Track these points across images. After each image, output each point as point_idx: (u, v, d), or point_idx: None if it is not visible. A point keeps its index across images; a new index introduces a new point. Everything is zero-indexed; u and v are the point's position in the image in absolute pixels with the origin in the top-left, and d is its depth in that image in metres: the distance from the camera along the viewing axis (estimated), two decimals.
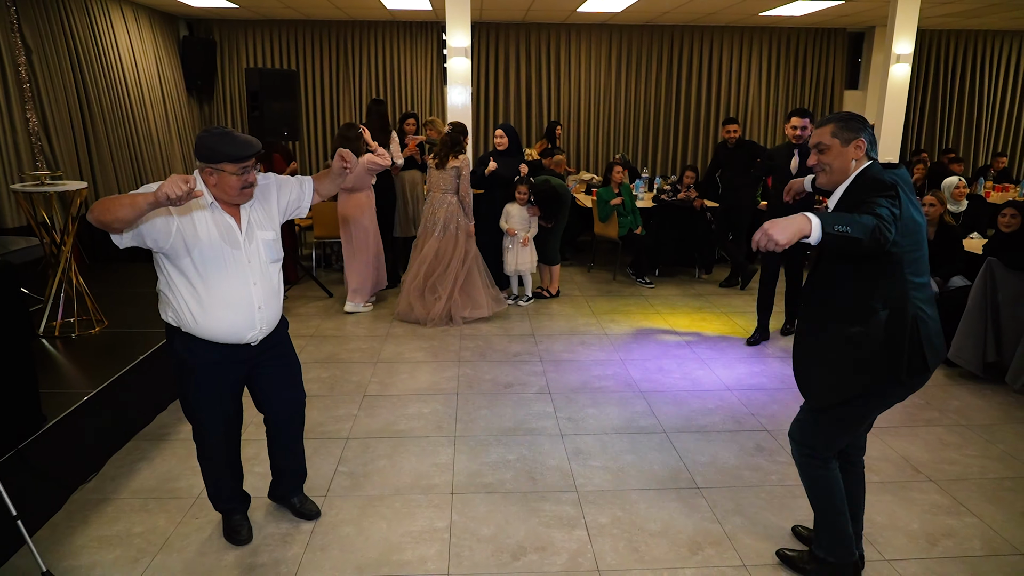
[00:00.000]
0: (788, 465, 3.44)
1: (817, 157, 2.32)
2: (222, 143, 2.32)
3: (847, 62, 10.05)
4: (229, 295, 2.43)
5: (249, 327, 2.51)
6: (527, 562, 2.70)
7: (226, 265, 2.42)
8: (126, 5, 7.48)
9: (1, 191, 5.38)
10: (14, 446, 2.75)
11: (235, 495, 2.83)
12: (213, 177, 2.37)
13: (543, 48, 9.58)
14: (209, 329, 2.44)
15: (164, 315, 2.50)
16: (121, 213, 2.10)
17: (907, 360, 2.20)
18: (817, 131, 2.33)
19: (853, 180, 2.25)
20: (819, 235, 1.92)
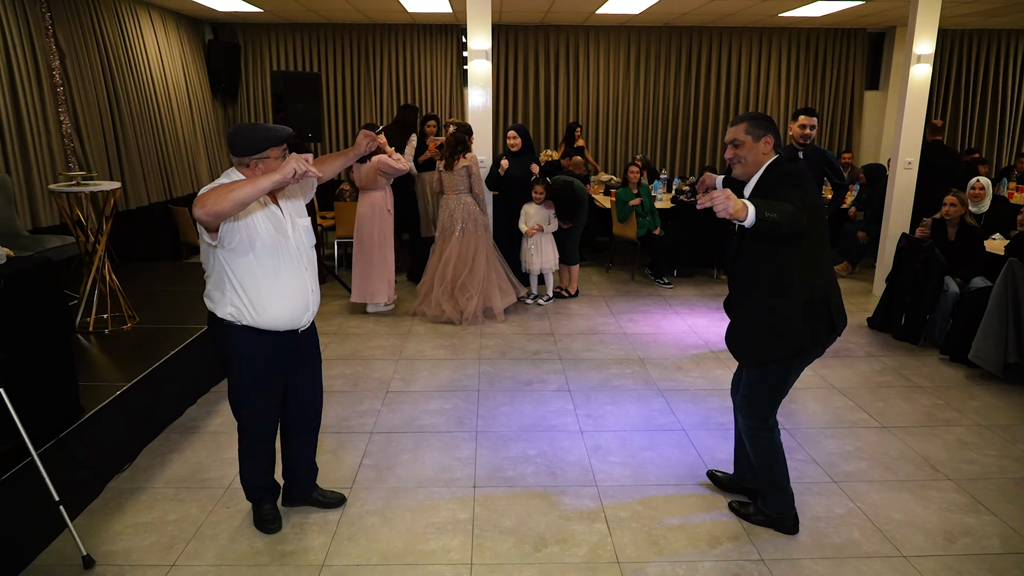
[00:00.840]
0: (806, 463, 3.48)
1: (733, 151, 2.66)
2: (260, 132, 2.45)
3: (867, 62, 10.00)
4: (288, 282, 2.56)
5: (304, 310, 2.64)
6: (548, 553, 2.76)
7: (281, 253, 2.53)
8: (154, 10, 7.64)
9: (35, 190, 5.54)
10: (55, 435, 2.86)
11: (270, 485, 2.92)
12: (259, 168, 2.46)
13: (562, 50, 9.64)
14: (272, 318, 2.55)
15: (221, 312, 2.55)
16: (243, 195, 2.17)
17: (822, 325, 2.63)
18: (732, 129, 2.66)
19: (764, 171, 2.63)
20: (753, 220, 2.25)
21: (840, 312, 2.68)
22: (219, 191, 2.19)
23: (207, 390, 4.29)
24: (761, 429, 2.82)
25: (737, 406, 2.92)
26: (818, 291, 2.61)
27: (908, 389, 4.41)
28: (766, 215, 2.26)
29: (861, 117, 10.14)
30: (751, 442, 2.87)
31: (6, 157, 5.26)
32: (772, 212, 2.27)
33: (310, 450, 3.01)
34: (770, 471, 2.87)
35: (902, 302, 5.31)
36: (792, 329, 2.62)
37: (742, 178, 2.71)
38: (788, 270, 2.59)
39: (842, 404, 4.18)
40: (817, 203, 2.55)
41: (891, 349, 5.14)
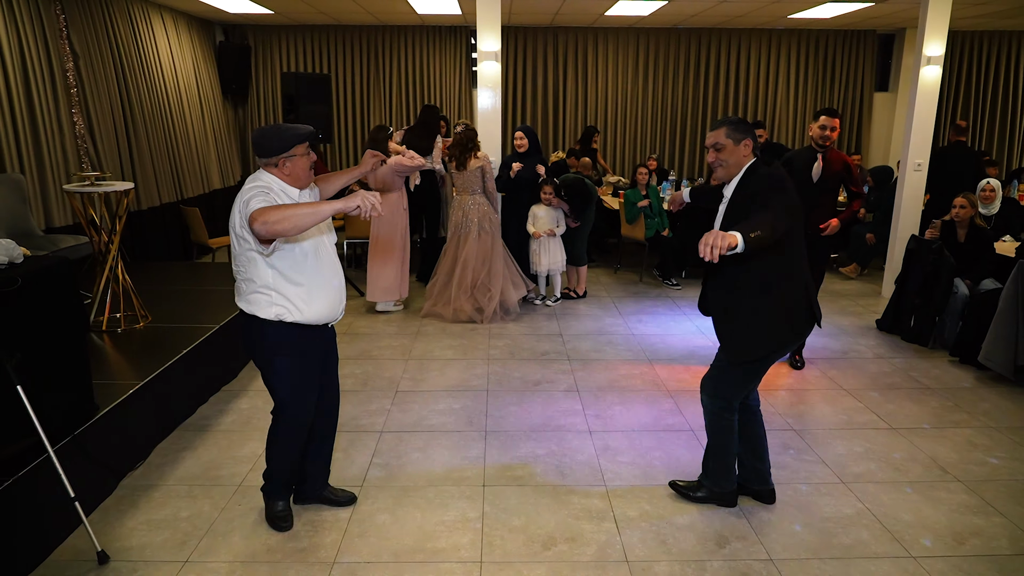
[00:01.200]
0: (815, 464, 3.48)
1: (715, 155, 2.73)
2: (285, 131, 2.52)
3: (877, 64, 9.98)
4: (328, 276, 2.66)
5: (340, 302, 2.76)
6: (558, 552, 2.78)
7: (319, 250, 2.63)
8: (166, 12, 7.71)
9: (49, 190, 5.59)
10: (70, 432, 2.90)
11: (292, 483, 2.97)
12: (287, 166, 2.55)
13: (570, 51, 9.65)
14: (317, 312, 2.64)
15: (265, 313, 2.58)
16: (305, 222, 2.27)
17: (802, 318, 2.77)
18: (712, 133, 2.73)
19: (744, 174, 2.72)
20: (743, 245, 2.33)
21: (816, 303, 2.84)
22: (280, 213, 2.26)
23: (219, 389, 4.33)
24: (725, 410, 2.94)
25: (703, 385, 3.00)
26: (798, 287, 2.75)
27: (917, 391, 4.41)
28: (751, 236, 2.35)
29: (870, 119, 10.12)
30: (712, 420, 2.99)
31: (21, 157, 5.32)
32: (755, 230, 2.37)
33: (328, 449, 3.05)
34: (723, 450, 3.01)
35: (911, 304, 5.30)
36: (776, 326, 2.74)
37: (724, 180, 2.80)
38: (770, 272, 2.69)
39: (851, 405, 4.18)
40: (797, 203, 2.65)
41: (900, 351, 5.13)
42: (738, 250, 2.34)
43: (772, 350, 2.78)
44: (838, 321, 5.80)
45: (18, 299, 2.67)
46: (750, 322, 2.75)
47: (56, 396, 2.92)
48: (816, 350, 5.07)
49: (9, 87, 5.21)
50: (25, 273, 2.76)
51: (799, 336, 2.85)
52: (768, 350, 2.77)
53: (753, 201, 2.54)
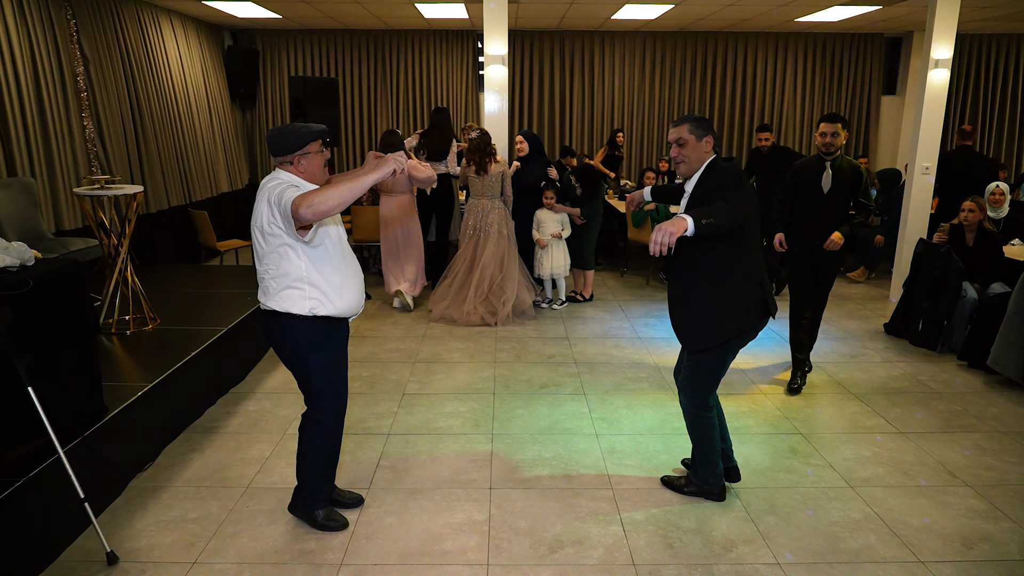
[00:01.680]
0: (823, 468, 3.47)
1: (678, 150, 2.86)
2: (299, 130, 2.59)
3: (884, 67, 9.96)
4: (353, 270, 2.75)
5: (362, 295, 2.82)
6: (564, 555, 2.78)
7: (343, 244, 2.73)
8: (175, 17, 7.76)
9: (59, 193, 5.63)
10: (80, 433, 2.92)
11: (325, 492, 2.97)
12: (302, 164, 2.62)
13: (577, 55, 9.67)
14: (346, 304, 2.71)
15: (299, 308, 2.61)
16: (349, 196, 2.38)
17: (757, 311, 2.88)
18: (676, 129, 2.86)
19: (704, 170, 2.86)
20: (694, 229, 2.47)
21: (771, 298, 2.95)
22: (321, 194, 2.34)
23: (227, 391, 4.35)
24: (702, 408, 3.05)
25: (680, 387, 3.14)
26: (753, 281, 2.87)
27: (926, 395, 4.39)
28: (703, 222, 2.48)
29: (878, 122, 10.10)
30: (692, 420, 3.10)
31: (32, 161, 5.36)
32: (708, 217, 2.50)
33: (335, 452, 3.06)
34: (706, 446, 3.11)
35: (919, 308, 5.28)
36: (730, 317, 2.85)
37: (685, 176, 2.93)
38: (727, 263, 2.82)
39: (859, 410, 4.17)
40: (754, 200, 2.80)
41: (908, 355, 5.12)
42: (687, 234, 2.47)
43: (724, 339, 2.88)
44: (845, 325, 5.78)
45: (29, 301, 2.69)
46: (702, 312, 2.88)
47: (66, 397, 2.94)
48: (823, 354, 5.06)
49: (21, 91, 5.25)
50: (36, 275, 2.78)
51: (752, 328, 2.93)
52: (720, 339, 2.88)
53: (712, 194, 2.69)
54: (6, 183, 4.85)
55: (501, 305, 5.74)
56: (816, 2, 7.20)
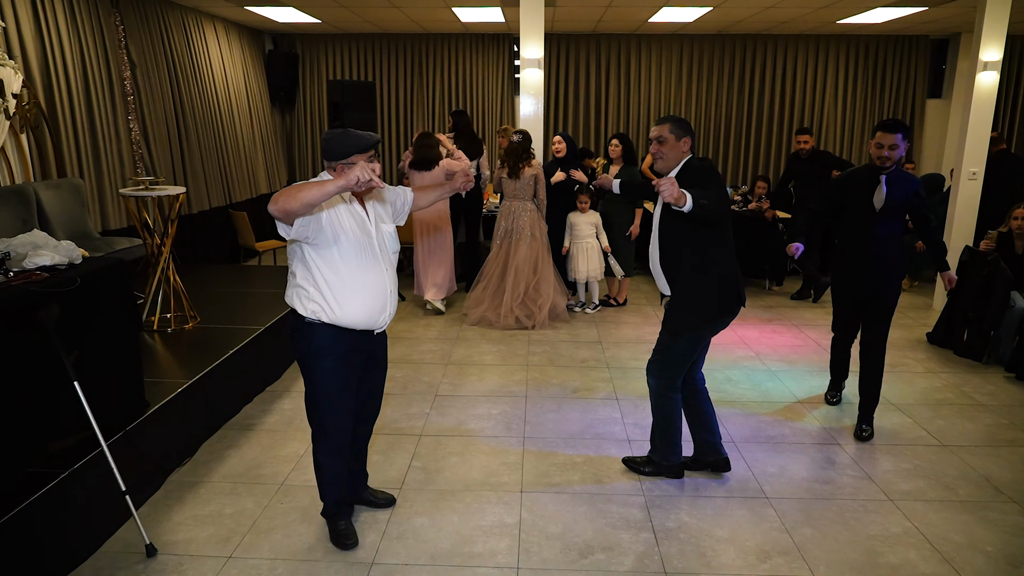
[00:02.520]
0: (861, 480, 3.40)
1: (658, 147, 3.03)
2: (348, 138, 2.53)
3: (929, 70, 9.71)
4: (368, 281, 2.61)
5: (381, 310, 2.68)
6: (595, 560, 2.76)
7: (363, 253, 2.60)
8: (219, 22, 7.93)
9: (106, 194, 5.80)
10: (122, 428, 2.99)
11: (347, 496, 2.92)
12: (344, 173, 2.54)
13: (613, 58, 9.63)
14: (350, 315, 2.60)
15: (302, 309, 2.60)
16: (310, 197, 2.26)
17: (732, 297, 3.09)
18: (657, 128, 3.03)
19: (681, 168, 3.04)
20: (691, 205, 2.63)
21: (743, 290, 3.16)
22: (291, 190, 2.29)
23: (263, 389, 4.42)
24: (669, 390, 3.23)
25: (649, 369, 3.29)
26: (728, 268, 3.08)
27: (970, 407, 4.27)
28: (700, 201, 2.65)
29: (923, 126, 9.85)
30: (657, 401, 3.28)
31: (80, 162, 5.53)
32: (704, 199, 2.67)
33: (364, 455, 3.06)
34: (669, 427, 3.30)
35: (965, 317, 5.13)
36: (709, 302, 3.06)
37: (662, 172, 3.09)
38: (706, 252, 3.01)
39: (899, 421, 4.07)
40: (728, 195, 3.05)
41: (952, 365, 4.98)
42: (684, 209, 2.64)
43: (703, 324, 3.11)
44: None
45: (76, 298, 2.77)
46: (687, 296, 3.08)
47: (109, 392, 3.02)
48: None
49: (72, 95, 5.42)
50: (83, 273, 2.86)
51: (728, 313, 3.13)
52: (701, 323, 3.10)
53: (692, 188, 2.78)
54: (56, 184, 5.01)
55: (537, 308, 5.75)
56: (859, 4, 7.06)
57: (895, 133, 3.58)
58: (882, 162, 3.64)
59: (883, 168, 3.66)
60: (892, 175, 3.67)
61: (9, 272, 2.72)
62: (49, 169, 5.16)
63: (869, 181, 3.73)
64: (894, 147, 3.59)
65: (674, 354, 3.16)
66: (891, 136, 3.58)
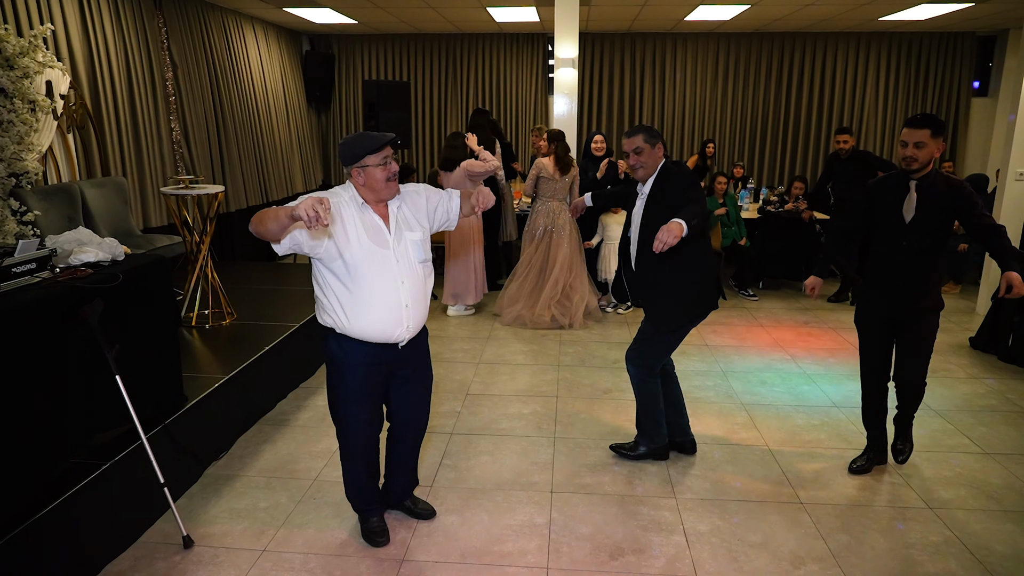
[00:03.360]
0: (899, 487, 3.32)
1: (636, 158, 3.17)
2: (360, 141, 2.49)
3: (975, 68, 9.44)
4: (379, 294, 2.51)
5: (397, 324, 2.57)
6: (625, 563, 2.75)
7: (375, 265, 2.50)
8: (257, 23, 8.07)
9: (148, 193, 5.94)
10: (161, 421, 3.06)
11: (372, 496, 2.90)
12: (361, 177, 2.51)
13: (648, 57, 9.55)
14: (360, 328, 2.54)
15: (320, 318, 2.62)
16: (269, 226, 2.25)
17: (714, 289, 3.30)
18: (631, 140, 3.16)
19: (659, 173, 3.19)
20: (687, 230, 2.73)
21: (721, 288, 3.45)
22: (259, 218, 2.29)
23: (297, 385, 4.49)
24: (651, 375, 3.40)
25: (629, 359, 3.44)
26: (710, 263, 3.27)
27: (1015, 414, 4.14)
28: (692, 222, 2.76)
29: (967, 125, 9.59)
30: (640, 387, 3.44)
31: (124, 161, 5.67)
32: (693, 219, 2.79)
33: (406, 464, 2.99)
34: (652, 407, 3.46)
35: (1010, 322, 4.98)
36: (696, 302, 3.26)
37: (643, 179, 3.23)
38: (691, 253, 3.15)
39: (940, 427, 3.97)
40: (705, 199, 3.23)
41: (996, 371, 4.84)
42: (684, 235, 2.73)
43: (689, 320, 3.31)
44: None
45: (118, 294, 2.84)
46: (673, 295, 3.24)
47: (149, 386, 3.09)
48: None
49: (116, 97, 5.57)
50: (125, 270, 2.94)
51: (709, 308, 3.32)
52: (686, 320, 3.30)
53: (673, 194, 3.03)
54: (100, 182, 5.14)
55: (574, 307, 5.75)
56: (903, 0, 6.90)
57: (923, 128, 3.03)
58: (908, 163, 3.08)
59: (911, 171, 3.09)
60: (926, 179, 3.09)
61: (55, 268, 2.80)
62: (94, 168, 5.31)
63: (897, 188, 3.17)
64: (921, 145, 3.03)
65: (657, 346, 3.35)
66: (918, 132, 3.03)
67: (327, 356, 2.66)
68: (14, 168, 4.21)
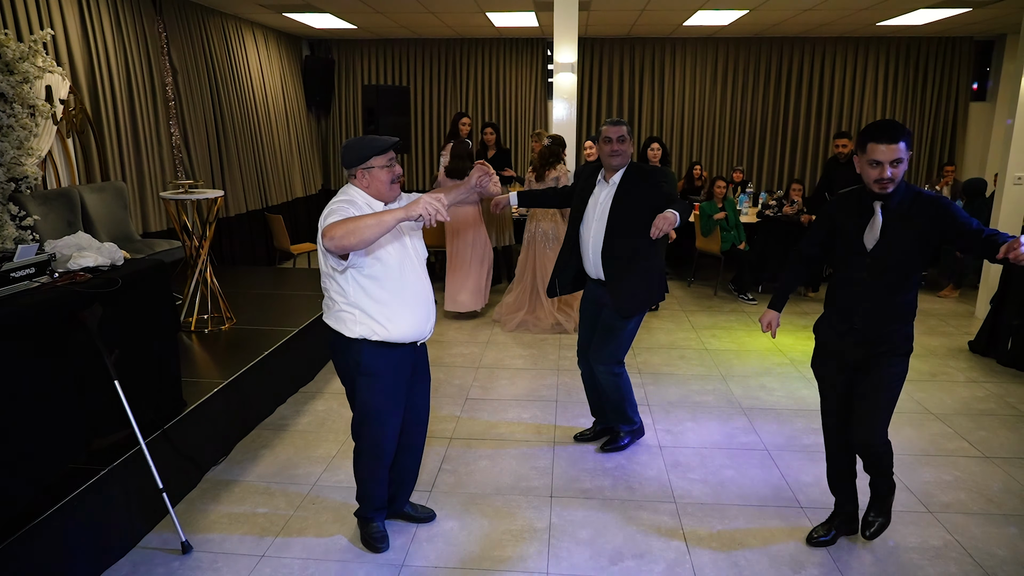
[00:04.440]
0: (900, 491, 3.30)
1: (619, 146, 3.34)
2: (365, 143, 2.51)
3: (973, 72, 9.47)
4: (413, 291, 2.59)
5: (427, 319, 2.67)
6: (625, 567, 2.74)
7: (403, 264, 2.55)
8: (257, 28, 8.09)
9: (147, 197, 5.94)
10: (160, 426, 3.06)
11: (384, 503, 2.90)
12: (365, 179, 2.52)
13: (647, 62, 9.58)
14: (403, 330, 2.56)
15: (350, 332, 2.55)
16: (368, 234, 2.20)
17: (665, 285, 3.62)
18: (617, 128, 3.34)
19: (629, 168, 3.41)
20: (679, 220, 3.03)
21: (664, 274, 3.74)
22: (346, 225, 2.20)
23: (296, 390, 4.48)
24: (619, 368, 3.57)
25: (596, 358, 3.56)
26: (662, 258, 3.72)
27: (1014, 418, 4.14)
28: (683, 216, 3.08)
29: (965, 130, 9.61)
30: (609, 382, 3.57)
31: (123, 166, 5.68)
32: (685, 213, 3.10)
33: (413, 468, 2.99)
34: (625, 401, 3.64)
35: (1009, 325, 4.98)
36: (655, 288, 3.53)
37: (620, 167, 3.39)
38: (655, 247, 3.42)
39: (939, 431, 3.96)
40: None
41: (995, 375, 4.84)
42: (676, 224, 3.03)
43: (652, 304, 3.74)
44: (927, 342, 5.51)
45: (118, 299, 2.83)
46: (645, 281, 3.44)
47: (148, 391, 3.09)
48: None
49: (116, 101, 5.57)
50: (125, 275, 2.93)
51: (663, 295, 3.62)
52: (651, 303, 3.63)
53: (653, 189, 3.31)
54: (100, 187, 5.15)
55: (575, 312, 5.74)
56: (901, 5, 6.92)
57: (898, 142, 2.40)
58: (882, 187, 2.47)
59: (880, 195, 2.51)
60: (895, 198, 2.51)
61: (54, 273, 2.80)
62: (93, 173, 5.31)
63: (859, 209, 2.61)
64: (898, 163, 2.43)
65: (624, 336, 3.52)
66: (894, 148, 2.40)
67: (361, 369, 2.59)
68: (13, 173, 4.21)
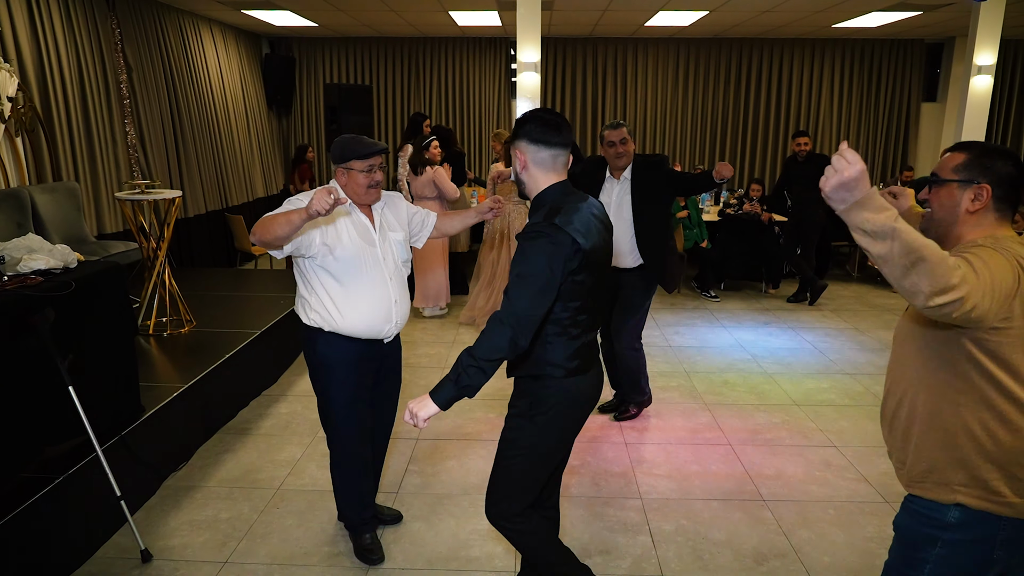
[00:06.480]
0: (857, 482, 3.40)
1: (623, 147, 3.63)
2: (351, 144, 2.51)
3: (925, 74, 9.76)
4: (370, 290, 2.57)
5: (386, 320, 2.63)
6: (592, 564, 2.75)
7: (365, 262, 2.56)
8: (215, 26, 7.94)
9: (102, 198, 5.79)
10: (118, 432, 2.98)
11: (368, 509, 2.85)
12: (344, 177, 2.54)
13: (610, 62, 9.66)
14: (352, 324, 2.57)
15: (306, 318, 2.60)
16: (280, 231, 2.26)
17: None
18: (618, 131, 3.64)
19: (635, 161, 3.71)
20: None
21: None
22: (264, 224, 2.31)
23: (259, 393, 4.41)
24: (638, 340, 3.93)
25: (621, 336, 3.88)
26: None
27: None
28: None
29: (918, 130, 9.90)
30: (630, 357, 3.90)
31: (76, 166, 5.52)
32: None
33: (379, 467, 2.98)
34: (641, 374, 3.99)
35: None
36: (680, 255, 3.93)
37: (622, 169, 3.70)
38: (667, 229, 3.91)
39: None
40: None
41: None
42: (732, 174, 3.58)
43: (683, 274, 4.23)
44: (882, 336, 5.66)
45: (71, 303, 2.76)
46: (673, 257, 3.88)
47: (105, 397, 3.01)
48: (860, 365, 4.96)
49: (68, 99, 5.42)
50: (79, 278, 2.85)
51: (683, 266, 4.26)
52: (682, 274, 4.14)
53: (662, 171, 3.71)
54: (52, 187, 4.99)
55: None
56: (855, 8, 7.10)
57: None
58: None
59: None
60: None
61: (3, 276, 2.71)
62: (44, 173, 5.15)
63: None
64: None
65: (643, 312, 3.87)
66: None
67: (316, 360, 2.63)
68: None
